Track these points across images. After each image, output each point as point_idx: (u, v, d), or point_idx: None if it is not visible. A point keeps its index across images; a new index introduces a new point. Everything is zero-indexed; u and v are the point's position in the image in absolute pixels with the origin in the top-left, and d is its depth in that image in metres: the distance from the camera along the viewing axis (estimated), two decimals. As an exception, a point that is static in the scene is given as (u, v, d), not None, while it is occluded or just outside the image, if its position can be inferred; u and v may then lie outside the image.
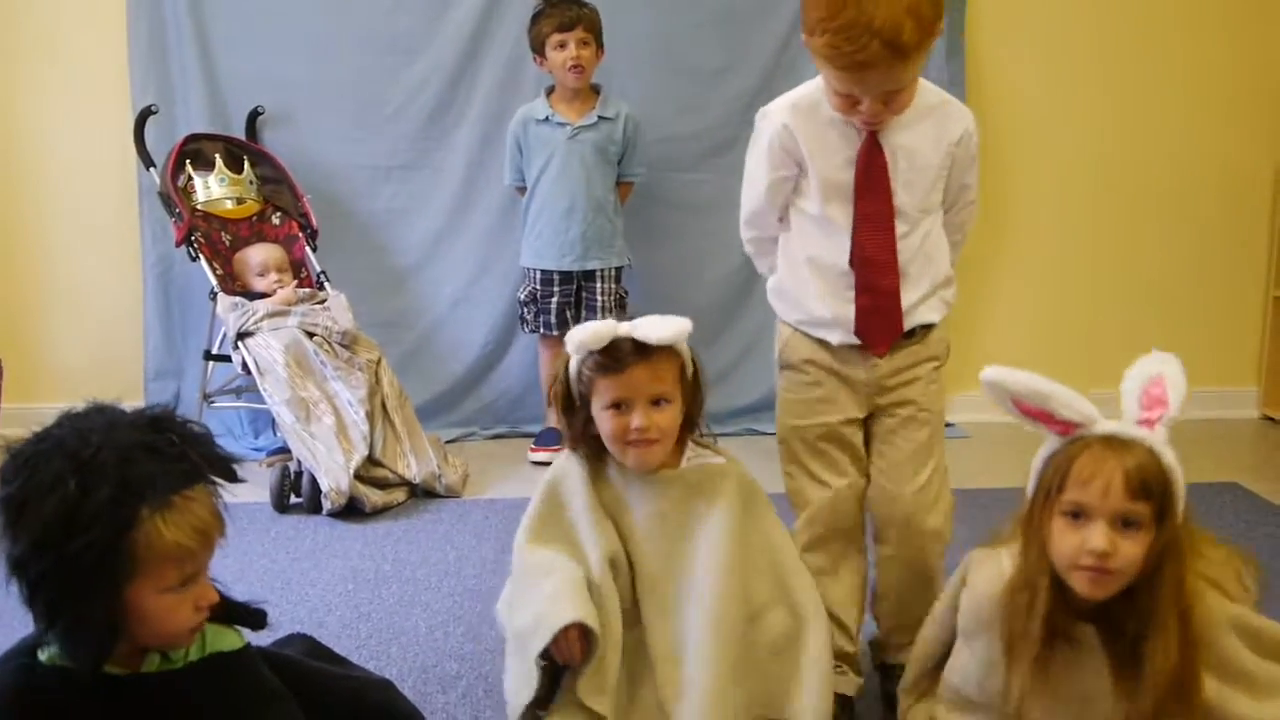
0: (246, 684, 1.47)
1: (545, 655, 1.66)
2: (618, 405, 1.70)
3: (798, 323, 1.94)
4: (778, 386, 2.01)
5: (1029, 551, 1.47)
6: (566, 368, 1.77)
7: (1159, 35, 3.83)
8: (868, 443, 1.96)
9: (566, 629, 1.64)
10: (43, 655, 1.33)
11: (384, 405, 3.19)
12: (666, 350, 1.71)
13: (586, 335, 1.68)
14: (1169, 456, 1.42)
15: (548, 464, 3.23)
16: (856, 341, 1.88)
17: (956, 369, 3.90)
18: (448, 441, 3.55)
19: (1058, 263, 3.94)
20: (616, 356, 1.68)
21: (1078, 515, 1.41)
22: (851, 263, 1.85)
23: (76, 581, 1.25)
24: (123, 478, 1.25)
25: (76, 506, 1.23)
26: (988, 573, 1.56)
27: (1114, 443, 1.41)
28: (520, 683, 1.70)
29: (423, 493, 3.13)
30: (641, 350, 1.69)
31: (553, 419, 3.46)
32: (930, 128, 1.83)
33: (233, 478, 1.38)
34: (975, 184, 1.95)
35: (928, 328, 1.93)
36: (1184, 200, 3.93)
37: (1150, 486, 1.39)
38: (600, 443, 1.78)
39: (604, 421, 1.72)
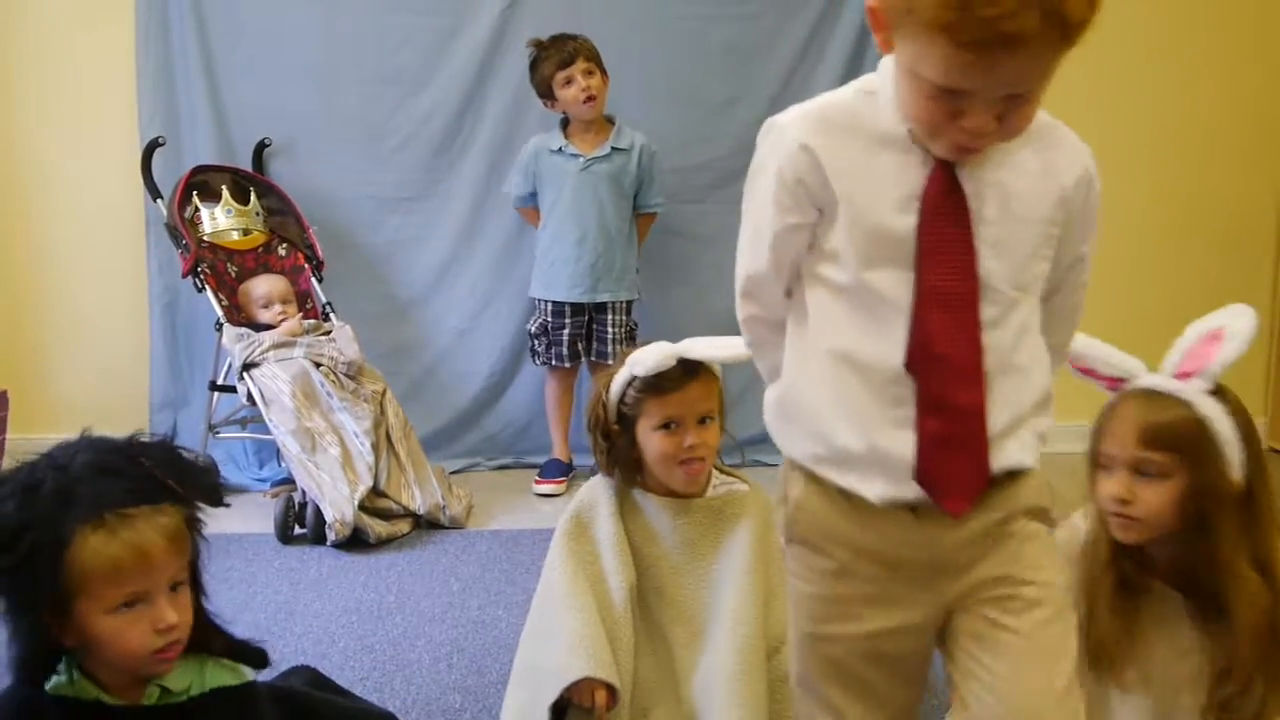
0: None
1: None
2: (669, 424, 1.73)
3: (812, 460, 1.25)
4: (786, 561, 1.33)
5: (1091, 506, 1.55)
6: (606, 391, 1.78)
7: (1165, 69, 3.84)
8: (944, 655, 1.28)
9: (592, 683, 1.65)
10: (47, 685, 1.33)
11: (389, 436, 3.18)
12: (709, 370, 1.75)
13: (654, 360, 1.71)
14: (1206, 407, 1.44)
15: (554, 496, 3.25)
16: (914, 496, 1.19)
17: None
18: (452, 472, 3.54)
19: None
20: (669, 377, 1.72)
21: (1106, 466, 1.49)
22: (911, 364, 1.17)
23: (19, 597, 1.28)
24: (63, 499, 1.27)
25: (9, 529, 1.26)
26: (1063, 539, 1.56)
27: (1147, 395, 1.47)
28: (521, 716, 1.71)
29: (427, 524, 3.12)
30: (691, 370, 1.73)
31: (557, 451, 3.45)
32: (1033, 160, 1.21)
33: (214, 500, 1.37)
34: (1090, 257, 1.29)
35: (1017, 474, 1.23)
36: (1188, 232, 3.94)
37: (1167, 438, 1.43)
38: (634, 468, 1.79)
39: (654, 442, 1.75)
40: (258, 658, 1.48)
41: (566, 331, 3.40)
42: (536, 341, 3.46)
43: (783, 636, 1.74)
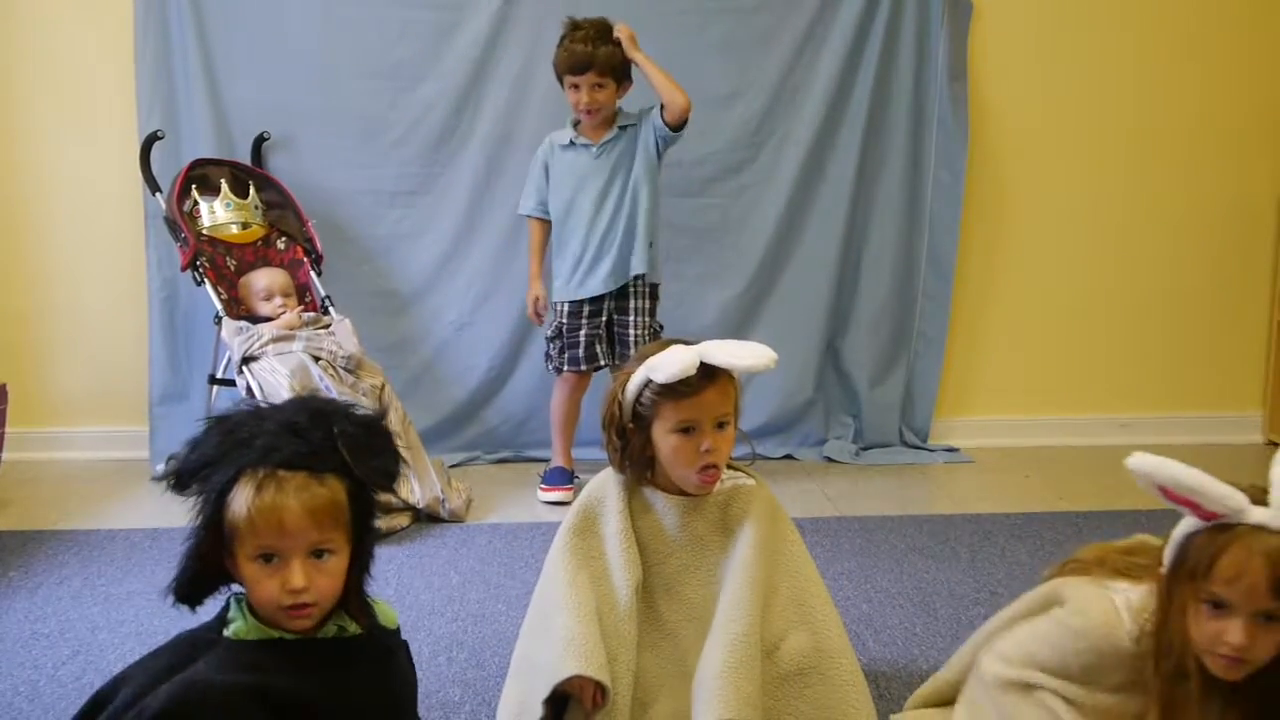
0: (396, 666, 1.55)
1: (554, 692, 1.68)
2: (686, 428, 1.72)
3: None
4: None
5: (1168, 621, 1.45)
6: (622, 390, 1.77)
7: (1165, 60, 3.85)
8: None
9: (582, 680, 1.65)
10: (228, 631, 1.42)
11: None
12: (727, 373, 1.73)
13: (677, 367, 1.68)
14: None
15: (563, 504, 3.22)
16: None
17: (957, 393, 3.95)
18: (452, 466, 3.55)
19: (1062, 287, 3.94)
20: (688, 380, 1.69)
21: (1219, 605, 1.39)
22: None
23: (198, 521, 1.38)
24: (244, 445, 1.36)
25: (202, 461, 1.37)
26: (1098, 611, 1.51)
27: (1261, 536, 1.36)
28: (517, 710, 1.72)
29: (426, 517, 3.12)
30: (710, 373, 1.71)
31: (559, 457, 3.42)
32: None
33: (382, 485, 1.44)
34: None
35: None
36: (1188, 226, 3.94)
37: None
38: (646, 465, 1.79)
39: (670, 444, 1.74)
40: (392, 648, 1.55)
41: (583, 333, 3.30)
42: (551, 345, 3.35)
43: (783, 633, 1.74)
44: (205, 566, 1.39)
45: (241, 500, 1.33)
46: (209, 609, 1.47)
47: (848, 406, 3.92)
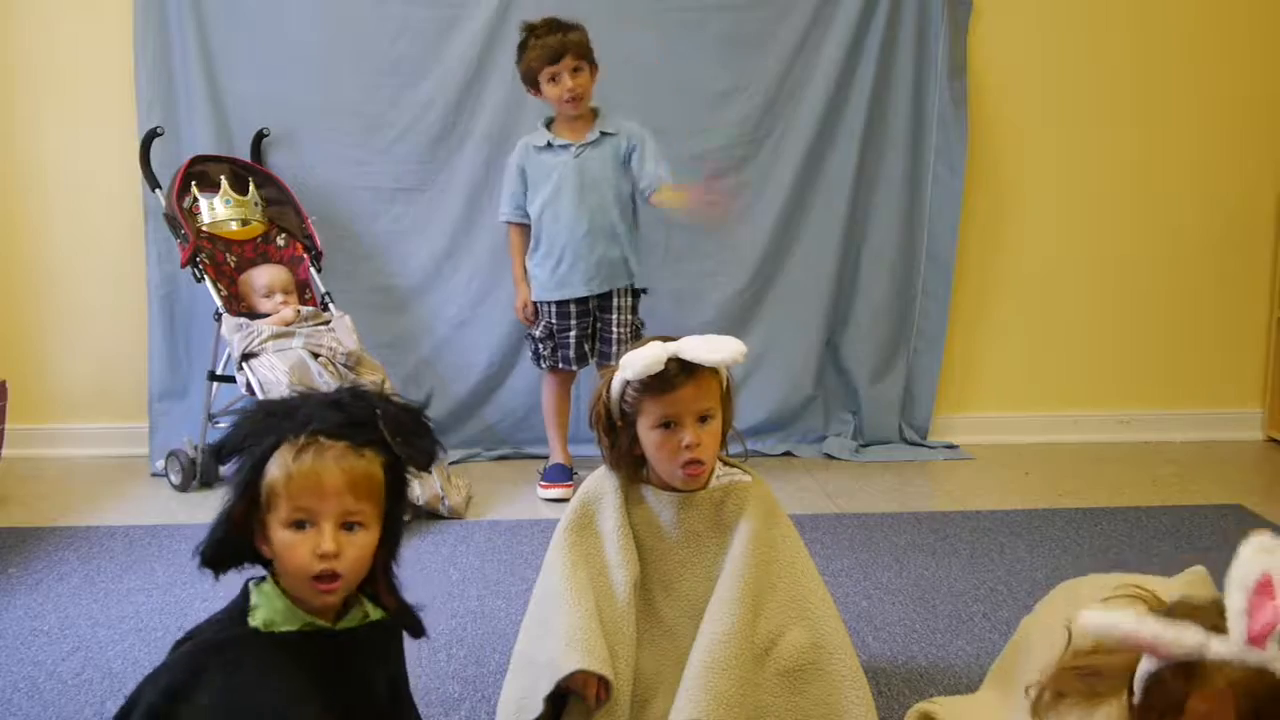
0: (401, 644, 1.59)
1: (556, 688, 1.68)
2: (667, 424, 1.73)
3: None
4: None
5: None
6: (607, 390, 1.78)
7: (1163, 57, 3.84)
8: None
9: (585, 675, 1.65)
10: (254, 622, 1.41)
11: (387, 427, 3.18)
12: (709, 369, 1.74)
13: (643, 363, 1.70)
14: None
15: (563, 501, 3.22)
16: None
17: (957, 390, 3.95)
18: (451, 463, 3.54)
19: (1062, 283, 3.94)
20: (665, 377, 1.71)
21: None
22: None
23: (234, 492, 1.40)
24: (286, 416, 1.39)
25: (246, 434, 1.40)
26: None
27: (1225, 671, 1.28)
28: (517, 707, 1.72)
29: (426, 514, 3.12)
30: (688, 369, 1.72)
31: (556, 454, 3.43)
32: None
33: (419, 464, 1.45)
34: None
35: None
36: (1188, 223, 3.94)
37: (1262, 714, 1.28)
38: (638, 463, 1.80)
39: (653, 440, 1.75)
40: (417, 627, 1.57)
41: (573, 334, 3.31)
42: (542, 345, 3.35)
43: (781, 629, 1.74)
44: (234, 534, 1.41)
45: (280, 463, 1.36)
46: (207, 597, 1.47)
47: (847, 403, 3.92)
